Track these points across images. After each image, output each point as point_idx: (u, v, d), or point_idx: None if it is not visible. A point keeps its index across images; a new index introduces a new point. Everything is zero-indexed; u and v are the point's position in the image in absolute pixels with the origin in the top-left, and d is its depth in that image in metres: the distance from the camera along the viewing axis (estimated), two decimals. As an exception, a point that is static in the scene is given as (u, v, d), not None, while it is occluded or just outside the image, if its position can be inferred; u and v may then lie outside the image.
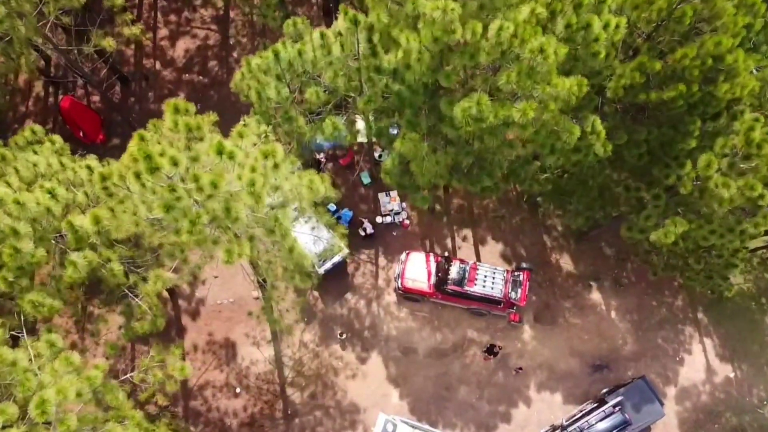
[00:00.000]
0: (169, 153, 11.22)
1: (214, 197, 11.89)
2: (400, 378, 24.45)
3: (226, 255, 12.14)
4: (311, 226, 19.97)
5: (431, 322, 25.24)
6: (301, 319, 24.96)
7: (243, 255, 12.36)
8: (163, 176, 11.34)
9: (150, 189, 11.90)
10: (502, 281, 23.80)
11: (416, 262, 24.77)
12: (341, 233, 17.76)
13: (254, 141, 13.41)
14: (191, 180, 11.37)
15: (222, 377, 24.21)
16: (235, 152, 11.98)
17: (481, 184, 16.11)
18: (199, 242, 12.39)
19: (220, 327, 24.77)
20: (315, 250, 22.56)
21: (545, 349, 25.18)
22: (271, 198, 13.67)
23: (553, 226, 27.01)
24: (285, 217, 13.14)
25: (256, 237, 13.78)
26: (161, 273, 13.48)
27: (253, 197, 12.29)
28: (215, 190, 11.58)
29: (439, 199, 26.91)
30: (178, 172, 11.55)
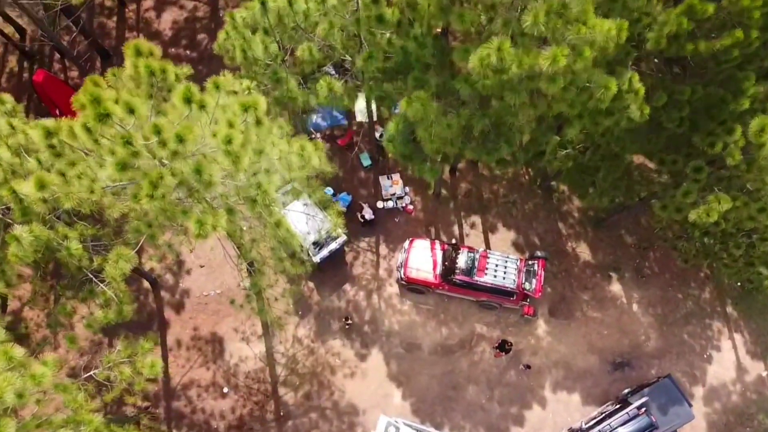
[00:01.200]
0: (123, 98, 9.11)
1: (182, 156, 9.77)
2: (402, 376, 22.36)
3: (196, 227, 10.03)
4: (302, 203, 17.77)
5: (437, 315, 23.15)
6: (294, 311, 22.87)
7: (218, 227, 10.25)
8: (116, 128, 9.22)
9: (107, 148, 9.82)
10: (515, 271, 21.71)
11: (420, 250, 22.68)
12: (336, 213, 15.58)
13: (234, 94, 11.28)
14: (152, 132, 9.25)
15: (208, 375, 22.12)
16: (208, 102, 9.87)
17: (498, 153, 13.99)
18: (164, 211, 10.30)
19: (207, 321, 22.68)
20: (307, 230, 20.45)
21: (561, 345, 23.09)
22: (254, 164, 11.56)
23: (569, 212, 24.92)
24: (270, 185, 11.02)
25: (236, 209, 11.67)
26: (123, 251, 11.36)
27: (230, 158, 10.19)
28: (182, 145, 9.48)
29: (445, 183, 24.82)
30: (136, 123, 9.43)
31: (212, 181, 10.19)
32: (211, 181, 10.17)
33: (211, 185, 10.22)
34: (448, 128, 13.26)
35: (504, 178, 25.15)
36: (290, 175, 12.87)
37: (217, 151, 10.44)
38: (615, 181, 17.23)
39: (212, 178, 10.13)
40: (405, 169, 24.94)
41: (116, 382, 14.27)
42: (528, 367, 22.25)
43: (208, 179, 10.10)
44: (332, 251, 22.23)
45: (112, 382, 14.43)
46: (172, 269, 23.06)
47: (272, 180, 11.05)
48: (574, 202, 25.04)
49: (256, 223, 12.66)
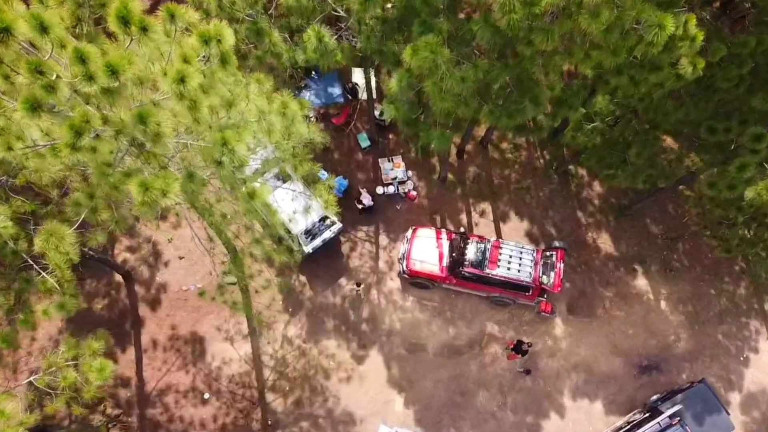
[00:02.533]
0: (33, 12, 6.74)
1: (118, 95, 7.40)
2: (405, 381, 19.99)
3: (139, 191, 7.66)
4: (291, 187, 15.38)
5: (443, 313, 20.78)
6: (284, 308, 20.50)
7: (170, 193, 7.87)
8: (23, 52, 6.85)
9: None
10: (531, 263, 19.33)
11: (425, 239, 20.32)
12: (325, 191, 13.13)
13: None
14: (74, 59, 6.88)
15: (187, 380, 19.74)
16: (153, 25, 7.50)
17: (522, 115, 11.59)
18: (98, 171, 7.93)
19: (186, 318, 20.30)
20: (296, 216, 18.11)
21: (581, 346, 20.72)
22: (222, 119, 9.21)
23: (588, 200, 22.54)
24: (239, 144, 8.64)
25: (198, 175, 9.31)
26: (57, 228, 9.00)
27: (185, 103, 7.82)
28: (114, 79, 7.09)
29: (452, 167, 22.45)
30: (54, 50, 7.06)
31: (161, 133, 7.82)
32: (159, 132, 7.80)
33: (160, 138, 7.85)
34: (462, 82, 10.88)
35: (517, 161, 22.79)
36: (270, 139, 10.48)
37: (170, 97, 8.09)
38: (650, 158, 14.83)
39: (161, 129, 7.76)
40: (408, 150, 22.59)
41: (60, 389, 11.80)
42: (528, 372, 19.85)
43: (155, 130, 7.73)
44: (326, 241, 19.87)
45: (55, 389, 12.00)
46: (148, 261, 20.70)
47: (242, 137, 8.65)
48: (594, 188, 22.68)
49: (227, 195, 10.29)
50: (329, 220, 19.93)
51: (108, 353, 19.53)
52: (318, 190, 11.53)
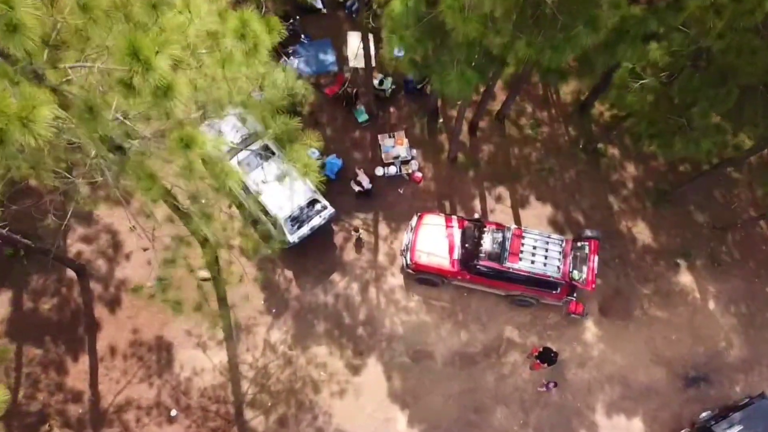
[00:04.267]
0: None
1: None
2: (408, 395, 16.89)
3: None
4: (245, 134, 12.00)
5: (454, 314, 17.67)
6: (266, 309, 17.39)
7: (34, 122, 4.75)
8: None
9: None
10: (560, 255, 16.21)
11: (432, 228, 17.21)
12: (303, 153, 9.82)
13: None
14: None
15: (151, 394, 16.64)
16: None
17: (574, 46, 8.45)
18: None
19: (151, 321, 17.19)
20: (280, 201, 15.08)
21: (617, 354, 17.60)
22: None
23: (622, 183, 19.42)
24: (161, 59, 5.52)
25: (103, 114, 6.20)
26: None
27: None
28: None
29: (463, 145, 19.34)
30: None
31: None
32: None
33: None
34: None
35: (538, 139, 19.67)
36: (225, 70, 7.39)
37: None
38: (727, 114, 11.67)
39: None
40: (411, 126, 19.47)
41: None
42: (554, 385, 16.68)
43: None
44: (315, 229, 16.77)
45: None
46: (105, 253, 17.58)
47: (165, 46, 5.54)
48: (627, 169, 19.55)
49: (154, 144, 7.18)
50: (319, 204, 16.84)
51: (56, 362, 16.70)
52: (293, 152, 8.46)
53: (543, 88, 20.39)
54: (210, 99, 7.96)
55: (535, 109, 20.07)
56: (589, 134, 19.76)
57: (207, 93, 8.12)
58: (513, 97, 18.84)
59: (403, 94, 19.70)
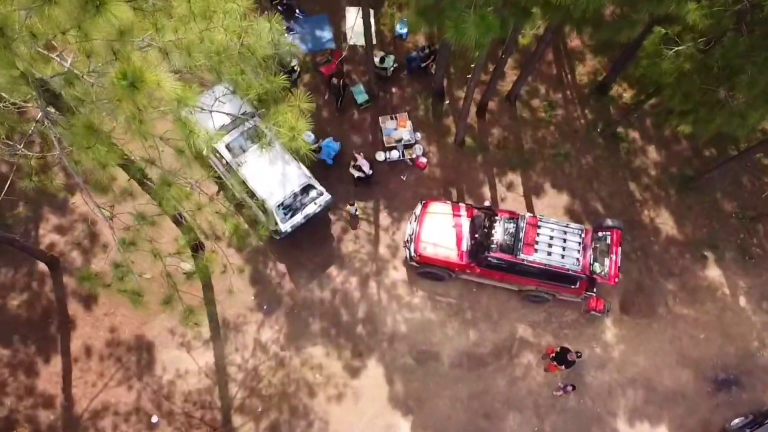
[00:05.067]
0: None
1: None
2: (412, 400, 15.42)
3: None
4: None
5: (461, 312, 16.19)
6: (257, 306, 15.92)
7: None
8: None
9: None
10: (579, 246, 14.71)
11: (438, 217, 15.72)
12: (291, 116, 8.15)
13: None
14: None
15: (130, 398, 15.18)
16: None
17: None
18: None
19: (130, 318, 15.73)
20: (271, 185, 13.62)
21: (639, 355, 16.12)
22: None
23: (643, 169, 17.91)
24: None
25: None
26: None
27: None
28: None
29: (471, 128, 17.84)
30: None
31: None
32: None
33: None
34: None
35: (552, 122, 18.15)
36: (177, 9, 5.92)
37: None
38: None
39: None
40: (415, 108, 17.98)
41: None
42: (572, 388, 15.19)
43: None
44: (310, 217, 15.29)
45: None
46: (81, 244, 16.11)
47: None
48: (649, 154, 18.05)
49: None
50: (315, 190, 15.35)
51: (26, 363, 15.24)
52: (278, 114, 6.96)
53: (557, 68, 18.88)
54: (176, 45, 6.46)
55: (548, 90, 18.56)
56: (607, 117, 18.25)
57: (175, 44, 6.66)
58: (525, 76, 17.34)
59: (405, 74, 18.20)
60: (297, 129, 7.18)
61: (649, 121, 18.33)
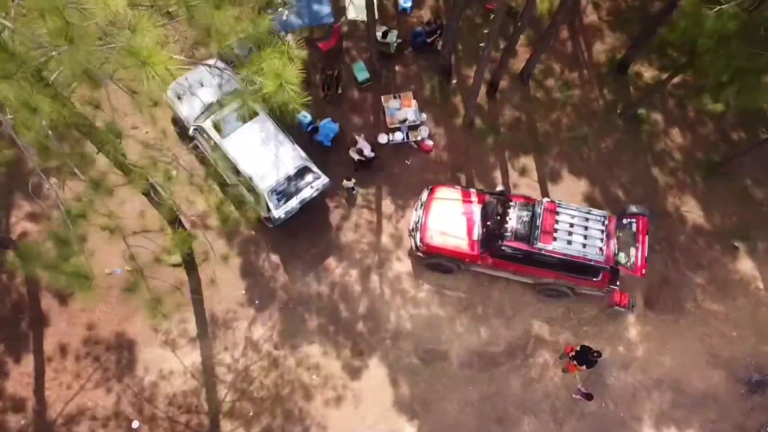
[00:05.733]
0: None
1: None
2: (418, 403, 14.08)
3: None
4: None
5: (472, 307, 14.85)
6: (248, 300, 14.58)
7: None
8: None
9: None
10: (602, 234, 13.36)
11: (447, 203, 14.39)
12: (277, 58, 6.75)
13: None
14: None
15: (109, 401, 13.85)
16: None
17: None
18: None
19: (109, 314, 14.40)
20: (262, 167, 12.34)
21: (666, 354, 14.78)
22: None
23: (667, 153, 16.57)
24: None
25: None
26: None
27: None
28: None
29: (481, 108, 16.50)
30: None
31: None
32: None
33: None
34: None
35: (568, 103, 16.81)
36: None
37: None
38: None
39: None
40: (421, 87, 16.64)
41: None
42: (588, 396, 13.83)
43: None
44: (305, 202, 13.94)
45: None
46: (57, 233, 14.71)
47: None
48: (672, 137, 16.70)
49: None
50: (311, 174, 14.01)
51: (-5, 363, 13.92)
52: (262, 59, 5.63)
53: (572, 45, 17.54)
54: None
55: (563, 69, 17.22)
56: (626, 98, 16.92)
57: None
58: (539, 54, 16.04)
59: (410, 51, 16.86)
60: (285, 77, 5.81)
61: (672, 102, 17.00)
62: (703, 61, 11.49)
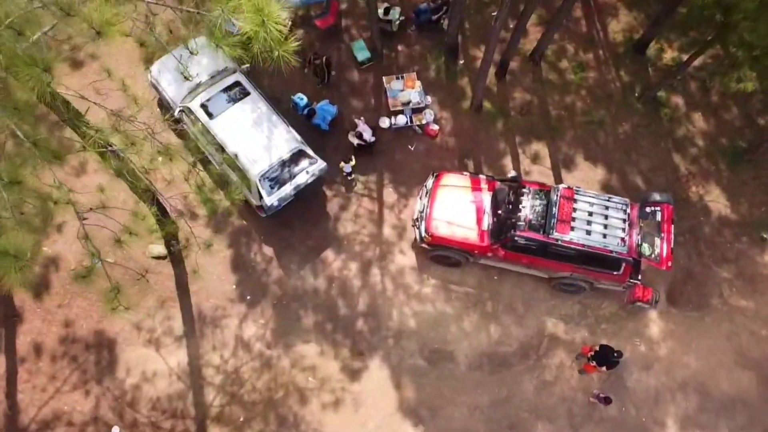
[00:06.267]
0: None
1: None
2: (424, 408, 12.97)
3: None
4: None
5: (481, 303, 13.74)
6: (238, 295, 13.47)
7: None
8: None
9: None
10: (624, 223, 12.24)
11: (454, 191, 13.28)
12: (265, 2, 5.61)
13: None
14: None
15: (86, 406, 12.74)
16: None
17: None
18: None
19: (88, 311, 13.30)
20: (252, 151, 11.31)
21: (691, 354, 13.67)
22: None
23: (689, 138, 15.46)
24: None
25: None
26: None
27: None
28: None
29: (489, 91, 15.39)
30: None
31: None
32: None
33: None
34: None
35: (583, 85, 15.70)
36: None
37: None
38: None
39: None
40: (425, 68, 15.53)
41: None
42: (607, 400, 12.71)
43: None
44: (300, 189, 12.82)
45: None
46: (30, 222, 13.59)
47: None
48: (695, 122, 15.59)
49: None
50: (306, 159, 12.89)
51: (-37, 364, 12.80)
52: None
53: (587, 24, 16.42)
54: None
55: (577, 50, 16.10)
56: (645, 80, 15.81)
57: None
58: (551, 33, 14.95)
59: (413, 29, 15.74)
60: (266, 12, 4.70)
61: (694, 85, 15.89)
62: (739, 30, 10.36)
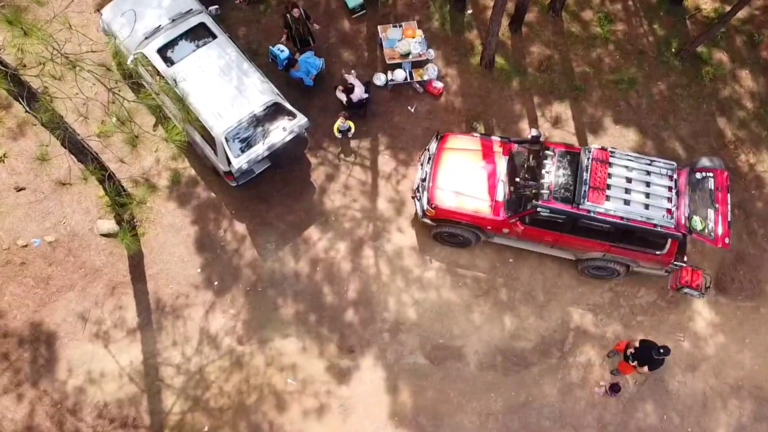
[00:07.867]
0: None
1: None
2: (425, 415, 10.78)
3: None
4: None
5: (493, 291, 11.54)
6: (205, 279, 11.28)
7: None
8: None
9: None
10: (670, 192, 10.04)
11: (462, 154, 11.08)
12: None
13: None
14: None
15: (20, 412, 10.58)
16: None
17: None
18: None
19: (24, 298, 11.13)
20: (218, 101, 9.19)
21: (744, 352, 11.47)
22: None
23: (735, 100, 13.26)
24: None
25: None
26: None
27: None
28: None
29: (502, 44, 13.19)
30: None
31: None
32: None
33: None
34: None
35: (611, 39, 13.50)
36: None
37: None
38: None
39: None
40: (427, 17, 13.33)
41: None
42: (615, 387, 10.54)
43: None
44: (276, 150, 10.61)
45: None
46: (-44, 194, 11.49)
47: None
48: (742, 81, 13.40)
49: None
50: (284, 113, 10.68)
51: None
52: None
53: (614, -29, 14.23)
54: None
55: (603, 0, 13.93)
56: (683, 33, 13.63)
57: None
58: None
59: (414, -26, 13.57)
60: None
61: (740, 39, 13.70)
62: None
